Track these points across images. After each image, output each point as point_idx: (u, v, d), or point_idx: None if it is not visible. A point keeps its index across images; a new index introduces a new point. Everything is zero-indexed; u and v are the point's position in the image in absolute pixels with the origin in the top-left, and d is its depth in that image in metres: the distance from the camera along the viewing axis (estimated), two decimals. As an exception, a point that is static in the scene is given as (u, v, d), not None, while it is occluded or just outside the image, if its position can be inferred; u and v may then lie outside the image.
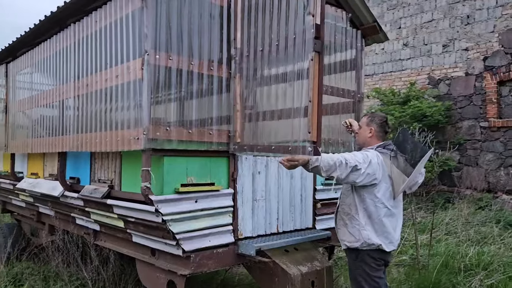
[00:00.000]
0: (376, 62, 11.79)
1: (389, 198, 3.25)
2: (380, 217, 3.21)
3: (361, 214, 3.23)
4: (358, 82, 4.67)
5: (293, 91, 3.18)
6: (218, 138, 3.37)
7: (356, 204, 3.25)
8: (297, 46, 3.14)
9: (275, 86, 3.41)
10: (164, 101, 3.11)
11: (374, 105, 11.24)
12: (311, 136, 3.08)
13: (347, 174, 3.08)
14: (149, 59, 2.97)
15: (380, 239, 3.21)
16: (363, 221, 3.23)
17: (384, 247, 3.22)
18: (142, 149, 2.99)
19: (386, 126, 3.43)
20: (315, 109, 3.16)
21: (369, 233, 3.21)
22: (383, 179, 3.20)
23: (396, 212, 3.31)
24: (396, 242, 3.31)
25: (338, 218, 3.42)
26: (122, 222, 3.61)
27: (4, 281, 5.10)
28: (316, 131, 3.12)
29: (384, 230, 3.22)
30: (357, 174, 3.08)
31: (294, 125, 3.16)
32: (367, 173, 3.10)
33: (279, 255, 3.58)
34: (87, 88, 3.64)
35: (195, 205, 3.25)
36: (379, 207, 3.20)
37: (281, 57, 3.25)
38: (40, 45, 4.53)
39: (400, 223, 3.37)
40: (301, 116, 3.15)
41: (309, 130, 3.07)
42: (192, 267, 3.21)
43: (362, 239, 3.21)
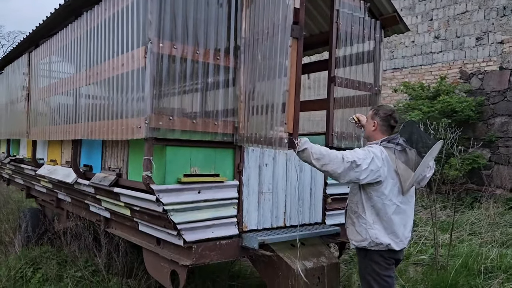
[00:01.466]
0: (405, 55, 11.43)
1: (397, 194, 3.12)
2: (389, 214, 3.08)
3: (369, 213, 3.12)
4: (376, 75, 4.52)
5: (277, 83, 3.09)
6: (223, 129, 3.32)
7: (363, 202, 3.14)
8: (280, 33, 3.05)
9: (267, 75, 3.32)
10: (167, 90, 3.08)
11: (402, 100, 10.92)
12: (287, 127, 2.98)
13: (344, 170, 2.95)
14: (152, 47, 2.95)
15: (389, 238, 3.09)
16: (371, 219, 3.12)
17: (394, 246, 3.10)
18: (143, 138, 2.97)
19: (392, 119, 3.27)
20: (291, 99, 3.08)
21: (377, 232, 3.09)
22: (389, 174, 3.07)
23: (407, 209, 3.19)
24: (406, 239, 3.19)
25: (347, 216, 3.33)
26: (128, 210, 3.64)
27: (22, 264, 5.26)
28: (292, 122, 3.02)
29: (394, 228, 3.10)
30: (359, 171, 2.96)
31: (276, 117, 3.07)
32: (370, 169, 2.97)
33: (284, 250, 3.52)
34: (97, 77, 3.67)
35: (198, 195, 3.22)
36: (387, 204, 3.08)
37: (269, 46, 3.16)
38: (57, 34, 4.60)
39: (411, 219, 3.24)
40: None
41: (285, 121, 2.98)
42: (194, 258, 3.19)
43: (370, 239, 3.11)
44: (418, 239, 6.63)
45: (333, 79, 4.08)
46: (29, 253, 5.58)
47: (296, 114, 3.59)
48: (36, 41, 5.34)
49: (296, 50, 3.55)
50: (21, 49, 5.81)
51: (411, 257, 6.00)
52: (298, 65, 3.61)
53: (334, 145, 4.10)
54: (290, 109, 3.54)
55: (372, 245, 3.11)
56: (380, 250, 3.11)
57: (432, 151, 3.04)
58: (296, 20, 3.56)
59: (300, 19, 3.62)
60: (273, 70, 3.42)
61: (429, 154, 3.01)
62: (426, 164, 3.06)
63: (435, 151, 3.08)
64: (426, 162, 3.05)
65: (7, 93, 6.79)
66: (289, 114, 3.53)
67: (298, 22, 3.61)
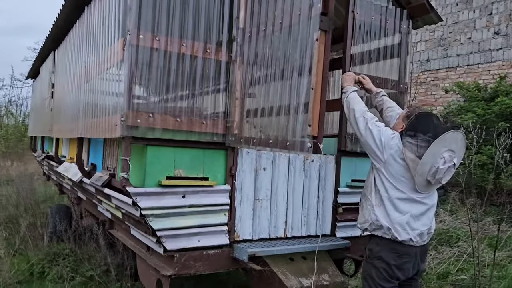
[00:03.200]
0: (460, 53, 10.54)
1: (407, 183, 2.89)
2: (392, 198, 2.89)
3: (374, 195, 2.98)
4: (402, 71, 4.04)
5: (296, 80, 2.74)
6: (212, 128, 3.03)
7: (372, 184, 3.03)
8: (301, 24, 2.68)
9: (281, 72, 3.00)
10: (148, 86, 2.85)
11: (454, 101, 10.06)
12: (312, 129, 2.61)
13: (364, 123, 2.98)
14: (131, 39, 2.73)
15: (390, 223, 2.88)
16: (375, 201, 2.97)
17: (395, 233, 2.86)
18: (119, 136, 2.76)
19: (419, 136, 2.99)
20: (317, 98, 2.72)
21: (378, 214, 2.93)
22: (396, 157, 2.91)
23: (419, 202, 2.92)
24: (414, 231, 2.89)
25: (360, 202, 3.19)
26: (120, 213, 3.47)
27: (42, 260, 5.30)
28: (317, 124, 2.65)
29: (396, 215, 2.87)
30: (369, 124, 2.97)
31: (297, 119, 2.73)
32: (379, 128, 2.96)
33: (280, 264, 3.17)
34: (90, 73, 3.53)
35: (182, 200, 2.96)
36: (390, 187, 2.90)
37: (284, 38, 2.81)
38: (70, 31, 4.55)
39: (426, 215, 2.96)
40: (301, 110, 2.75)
41: (309, 123, 2.62)
42: (176, 268, 2.95)
43: (370, 220, 2.97)
44: (460, 255, 5.95)
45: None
46: (50, 249, 5.63)
47: (321, 115, 3.27)
48: (58, 39, 5.36)
49: (324, 44, 3.23)
50: (49, 47, 5.89)
51: (450, 276, 5.38)
52: (326, 61, 3.31)
53: (347, 149, 3.69)
54: (315, 110, 3.23)
55: (373, 227, 2.96)
56: (385, 249, 2.89)
57: (442, 139, 2.77)
58: (325, 11, 3.21)
59: (329, 9, 3.27)
60: (291, 66, 3.11)
61: (437, 142, 2.75)
62: (435, 154, 2.76)
63: (448, 141, 2.79)
64: (435, 151, 2.76)
65: (41, 92, 6.96)
66: (315, 115, 3.21)
67: (327, 13, 3.26)
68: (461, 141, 2.86)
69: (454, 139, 2.80)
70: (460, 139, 2.85)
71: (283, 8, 2.84)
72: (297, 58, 2.73)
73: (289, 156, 3.38)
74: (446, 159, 2.77)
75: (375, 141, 2.97)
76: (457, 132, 2.82)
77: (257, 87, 3.05)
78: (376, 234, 2.96)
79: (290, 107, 2.91)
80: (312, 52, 2.63)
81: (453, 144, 2.80)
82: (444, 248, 6.19)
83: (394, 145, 2.93)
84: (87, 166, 4.33)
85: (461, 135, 2.85)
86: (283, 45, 2.84)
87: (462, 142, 2.88)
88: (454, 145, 2.80)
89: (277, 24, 2.86)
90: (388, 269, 2.89)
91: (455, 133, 2.81)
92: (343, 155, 3.70)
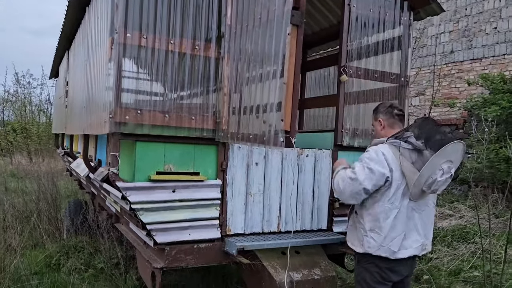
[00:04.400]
0: (486, 43, 10.18)
1: (401, 197, 2.75)
2: (389, 219, 2.75)
3: (367, 218, 2.83)
4: (403, 64, 3.97)
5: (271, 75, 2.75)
6: (202, 124, 3.08)
7: (366, 205, 2.85)
8: (276, 19, 2.69)
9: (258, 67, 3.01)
10: (135, 83, 2.92)
11: (477, 94, 9.74)
12: (284, 124, 2.62)
13: (347, 186, 2.81)
14: (119, 38, 2.80)
15: (384, 249, 2.76)
16: (368, 226, 2.82)
17: (389, 257, 2.77)
18: (108, 133, 2.85)
19: (394, 109, 2.98)
20: (289, 93, 2.71)
21: (371, 241, 2.79)
22: (395, 175, 2.74)
23: (415, 216, 2.82)
24: (409, 249, 2.80)
25: (350, 217, 3.07)
26: (119, 207, 3.57)
27: (58, 252, 5.51)
28: (290, 118, 2.66)
29: (392, 236, 2.76)
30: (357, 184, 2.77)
31: (270, 114, 2.74)
32: (373, 175, 2.75)
33: (271, 258, 3.20)
34: (89, 71, 3.64)
35: (172, 195, 3.03)
36: (388, 208, 2.76)
37: (262, 33, 2.83)
38: (77, 31, 4.70)
39: (421, 228, 2.85)
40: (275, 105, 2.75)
41: (282, 117, 2.62)
42: (167, 260, 3.01)
43: (363, 247, 2.84)
44: (475, 252, 5.79)
45: (344, 70, 3.63)
46: (67, 242, 5.84)
47: (294, 110, 3.27)
48: (70, 39, 5.53)
49: (295, 38, 3.24)
50: (63, 47, 6.08)
51: (462, 273, 5.25)
52: (298, 55, 3.29)
53: (344, 143, 3.67)
54: (288, 105, 3.24)
55: (363, 252, 2.85)
56: (375, 257, 2.80)
57: (443, 151, 2.63)
58: (296, 5, 3.24)
59: (301, 4, 3.29)
60: (266, 60, 3.14)
61: (438, 155, 2.62)
62: (434, 166, 2.63)
63: (449, 153, 2.65)
64: (435, 163, 2.64)
65: (59, 90, 7.21)
66: (287, 110, 3.23)
67: (299, 8, 3.28)
68: (461, 151, 2.73)
69: (455, 151, 2.68)
70: (460, 150, 2.72)
71: (262, 4, 2.84)
72: (272, 52, 2.74)
73: (282, 151, 3.39)
74: (445, 170, 2.66)
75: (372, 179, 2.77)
76: (458, 143, 2.68)
77: (241, 82, 3.07)
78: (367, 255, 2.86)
79: (266, 102, 2.90)
80: (285, 47, 2.62)
81: (453, 155, 2.68)
82: (459, 244, 6.04)
83: (385, 165, 2.75)
84: (94, 162, 4.47)
85: (462, 146, 2.71)
86: (261, 40, 2.85)
87: (462, 152, 2.75)
88: (453, 156, 2.69)
89: (256, 20, 2.87)
90: (381, 272, 2.82)
91: (457, 145, 2.67)
92: (340, 150, 3.68)
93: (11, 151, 17.67)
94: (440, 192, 2.88)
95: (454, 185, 10.18)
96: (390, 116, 2.96)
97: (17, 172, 12.92)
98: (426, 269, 5.26)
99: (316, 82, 5.38)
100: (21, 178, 11.87)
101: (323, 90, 5.22)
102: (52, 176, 8.06)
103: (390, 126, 2.97)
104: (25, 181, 11.15)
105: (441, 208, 8.19)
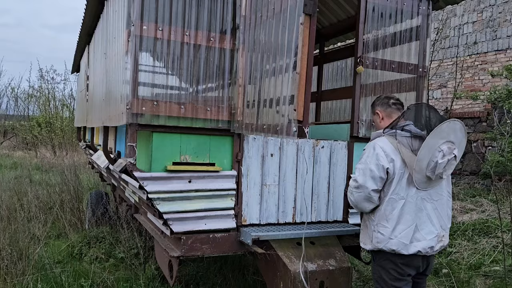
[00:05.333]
0: (511, 34, 9.90)
1: (406, 186, 2.70)
2: (396, 211, 2.70)
3: (374, 213, 2.80)
4: (422, 54, 3.91)
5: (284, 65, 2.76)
6: (217, 115, 3.11)
7: None
8: (290, 8, 2.69)
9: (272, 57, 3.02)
10: (152, 75, 2.97)
11: (501, 86, 9.50)
12: (297, 114, 2.63)
13: (356, 196, 2.81)
14: (135, 30, 2.85)
15: (393, 242, 2.72)
16: (376, 220, 2.79)
17: (401, 250, 2.71)
18: (125, 124, 2.91)
19: (390, 99, 3.00)
20: (302, 82, 2.72)
21: (379, 235, 2.76)
22: (396, 165, 2.71)
23: (427, 206, 2.75)
24: (423, 241, 2.73)
25: (362, 217, 3.04)
26: (137, 197, 3.64)
27: (80, 242, 5.66)
28: (302, 108, 2.66)
29: (401, 228, 2.70)
30: (362, 188, 2.77)
31: (284, 104, 2.74)
32: (374, 176, 2.73)
33: (286, 248, 3.22)
34: (108, 64, 3.71)
35: (188, 185, 3.07)
36: (393, 199, 2.71)
37: (275, 24, 2.83)
38: (97, 25, 4.78)
39: (437, 218, 2.78)
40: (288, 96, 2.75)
41: (295, 107, 2.63)
42: (183, 249, 3.07)
43: (371, 243, 2.82)
44: (496, 246, 5.68)
45: (360, 60, 3.61)
46: (89, 233, 5.99)
47: (306, 100, 3.27)
48: (91, 33, 5.63)
49: (308, 28, 3.23)
50: (84, 41, 6.20)
51: (482, 268, 5.17)
52: (311, 45, 3.28)
53: (360, 135, 3.65)
54: (300, 94, 3.24)
55: (375, 249, 2.80)
56: (388, 253, 2.76)
57: (438, 131, 2.59)
58: None
59: None
60: (279, 51, 3.15)
61: (432, 135, 2.58)
62: (431, 147, 2.59)
63: (446, 133, 2.60)
64: (431, 145, 2.59)
65: (80, 84, 7.35)
66: (300, 99, 3.24)
67: None
68: (460, 131, 2.67)
69: (452, 130, 2.62)
70: (459, 129, 2.65)
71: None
72: (286, 43, 2.74)
73: (297, 142, 3.39)
74: (445, 151, 2.60)
75: (374, 177, 2.74)
76: (453, 121, 2.63)
77: (255, 73, 3.08)
78: (381, 252, 2.83)
79: (278, 93, 2.91)
80: (298, 36, 2.62)
81: (451, 135, 2.62)
82: (480, 238, 5.94)
83: (386, 158, 2.73)
84: (113, 154, 4.56)
85: (460, 124, 2.66)
86: (275, 31, 2.85)
87: (462, 132, 2.68)
88: (452, 136, 2.63)
89: (270, 10, 2.88)
90: (396, 268, 2.76)
91: (452, 123, 2.62)
92: (356, 141, 3.66)
93: (36, 145, 18.14)
94: (448, 177, 2.80)
95: (477, 179, 9.99)
96: (387, 106, 2.96)
97: (42, 165, 13.28)
98: (446, 263, 5.20)
99: (333, 74, 5.35)
100: (45, 171, 12.20)
101: (340, 82, 5.19)
102: (75, 168, 8.25)
103: (388, 116, 2.95)
104: (49, 173, 11.45)
105: (463, 202, 8.06)
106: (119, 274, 4.73)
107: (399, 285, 2.78)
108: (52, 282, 4.33)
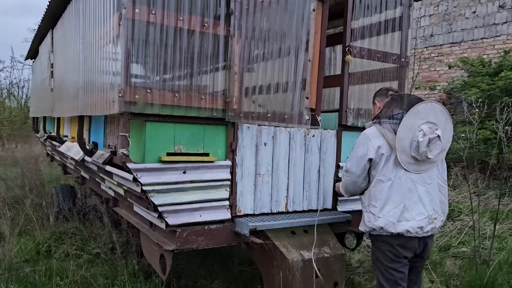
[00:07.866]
0: (465, 27, 10.36)
1: (393, 167, 2.80)
2: (384, 191, 2.81)
3: (366, 195, 2.94)
4: (404, 44, 3.99)
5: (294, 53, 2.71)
6: (211, 103, 3.02)
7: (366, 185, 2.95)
8: None
9: (277, 45, 2.97)
10: (146, 61, 2.83)
11: (458, 77, 9.95)
12: (309, 102, 2.60)
13: (345, 179, 3.00)
14: (126, 13, 2.69)
15: (382, 220, 2.80)
16: (367, 201, 2.91)
17: (390, 228, 2.79)
18: (117, 113, 2.76)
19: (389, 90, 3.10)
20: (315, 71, 2.68)
21: (370, 215, 2.87)
22: (382, 149, 2.82)
23: (419, 188, 2.83)
24: (412, 221, 2.79)
25: None
26: (122, 190, 3.49)
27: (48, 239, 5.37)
28: (315, 96, 2.63)
29: (389, 207, 2.79)
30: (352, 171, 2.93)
31: (294, 92, 2.70)
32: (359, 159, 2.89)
33: (282, 237, 3.20)
34: (88, 50, 3.50)
35: (183, 176, 2.98)
36: (380, 180, 2.82)
37: (281, 10, 2.77)
38: (66, 8, 4.50)
39: (429, 200, 2.85)
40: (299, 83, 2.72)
41: (307, 95, 2.59)
42: (178, 242, 2.97)
43: (364, 223, 2.94)
44: (461, 229, 5.98)
45: (349, 50, 3.62)
46: (57, 229, 5.69)
47: (319, 87, 3.24)
48: (56, 17, 5.29)
49: (321, 14, 3.16)
50: (47, 26, 5.83)
51: (451, 249, 5.43)
52: (323, 32, 3.24)
53: (348, 123, 3.68)
54: (313, 83, 3.20)
55: (367, 230, 2.92)
56: (383, 235, 2.85)
57: (414, 112, 2.69)
58: None
59: None
60: (287, 38, 3.07)
61: (408, 116, 2.69)
62: (409, 127, 2.70)
63: (423, 113, 2.71)
64: (408, 124, 2.70)
65: (41, 72, 6.93)
66: (312, 87, 3.19)
67: None
68: (441, 113, 2.77)
69: (431, 111, 2.72)
70: (439, 111, 2.75)
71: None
72: (294, 30, 2.69)
73: (289, 131, 3.37)
74: (426, 131, 2.69)
75: (358, 162, 2.90)
76: (431, 103, 2.73)
77: (255, 61, 3.02)
78: (375, 234, 2.91)
79: (287, 81, 2.88)
80: (309, 23, 2.57)
81: (431, 116, 2.71)
82: (446, 222, 6.21)
83: (370, 144, 2.85)
84: (88, 145, 4.34)
85: (440, 107, 2.76)
86: (280, 17, 2.79)
87: (444, 114, 2.78)
88: (432, 117, 2.72)
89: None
90: (392, 250, 2.82)
91: (430, 105, 2.72)
92: (344, 130, 3.69)
93: (-20, 138, 17.01)
94: (442, 163, 2.92)
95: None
96: (385, 97, 3.03)
97: (-10, 159, 12.46)
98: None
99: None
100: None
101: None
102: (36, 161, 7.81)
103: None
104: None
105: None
106: (95, 271, 4.53)
107: (395, 266, 2.85)
108: (26, 282, 4.08)
